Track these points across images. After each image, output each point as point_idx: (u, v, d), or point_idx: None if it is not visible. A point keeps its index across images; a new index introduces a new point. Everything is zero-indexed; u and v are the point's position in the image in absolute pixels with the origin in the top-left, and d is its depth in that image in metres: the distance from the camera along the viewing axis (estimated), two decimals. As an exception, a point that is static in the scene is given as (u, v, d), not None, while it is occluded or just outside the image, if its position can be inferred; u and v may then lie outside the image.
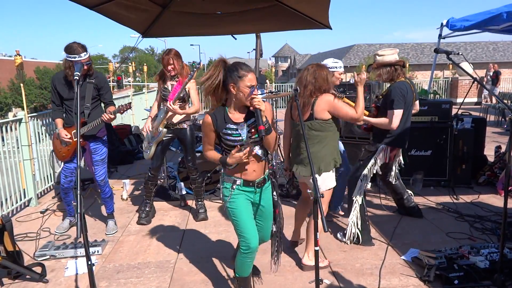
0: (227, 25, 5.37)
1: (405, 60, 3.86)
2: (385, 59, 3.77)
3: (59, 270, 3.49)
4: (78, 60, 3.69)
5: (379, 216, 4.57)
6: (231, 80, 2.50)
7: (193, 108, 4.39)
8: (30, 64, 38.09)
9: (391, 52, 3.78)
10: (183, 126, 4.47)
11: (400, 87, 3.72)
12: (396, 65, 3.77)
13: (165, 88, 4.36)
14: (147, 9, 4.86)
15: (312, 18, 4.85)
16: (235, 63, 2.57)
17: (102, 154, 4.15)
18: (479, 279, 3.01)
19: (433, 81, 15.53)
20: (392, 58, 3.76)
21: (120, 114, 3.97)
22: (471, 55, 35.05)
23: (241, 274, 2.80)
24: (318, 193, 2.31)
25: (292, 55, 60.27)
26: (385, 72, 3.80)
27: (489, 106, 11.88)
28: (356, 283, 3.17)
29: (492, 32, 5.96)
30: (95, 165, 4.12)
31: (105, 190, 4.25)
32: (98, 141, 4.10)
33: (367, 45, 39.26)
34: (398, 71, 3.79)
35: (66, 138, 3.97)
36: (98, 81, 3.99)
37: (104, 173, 4.18)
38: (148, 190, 4.61)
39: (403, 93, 3.72)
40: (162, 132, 4.35)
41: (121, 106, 3.82)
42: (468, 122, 5.81)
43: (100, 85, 4.00)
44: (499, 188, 5.25)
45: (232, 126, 2.58)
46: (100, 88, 4.01)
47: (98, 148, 4.11)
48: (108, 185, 4.27)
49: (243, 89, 2.48)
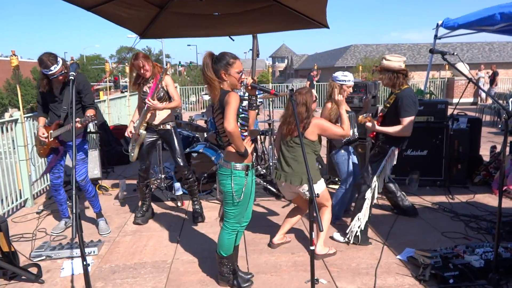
0: (224, 26, 5.36)
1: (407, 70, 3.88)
2: (390, 65, 3.79)
3: (55, 271, 3.49)
4: (50, 73, 3.76)
5: (375, 215, 4.58)
6: (221, 68, 2.80)
7: (174, 103, 4.35)
8: (26, 65, 37.99)
9: (397, 60, 3.81)
10: (166, 127, 4.44)
11: (410, 95, 3.76)
12: (399, 73, 3.79)
13: (143, 92, 4.36)
14: (144, 10, 4.85)
15: (310, 17, 4.85)
16: (221, 53, 2.87)
17: (81, 155, 4.15)
18: (474, 278, 3.03)
19: (429, 81, 15.57)
20: (396, 65, 3.78)
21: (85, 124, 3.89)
22: (467, 56, 35.15)
23: (229, 252, 3.08)
24: (313, 193, 2.32)
25: (289, 55, 60.29)
26: (386, 77, 3.82)
27: (484, 107, 11.94)
28: (351, 283, 3.18)
29: (488, 32, 5.99)
30: (76, 165, 4.11)
31: (88, 190, 4.23)
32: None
33: (364, 45, 39.31)
34: (401, 79, 3.80)
35: (42, 137, 4.00)
36: (77, 84, 3.91)
37: (84, 173, 4.17)
38: (142, 192, 4.61)
39: (414, 100, 3.76)
40: (142, 135, 4.35)
41: (86, 117, 3.82)
42: (464, 122, 5.84)
43: (79, 88, 3.96)
44: (494, 188, 5.28)
45: (243, 105, 2.89)
46: (79, 91, 3.98)
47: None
48: (90, 184, 4.25)
49: (234, 75, 2.81)
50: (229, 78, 2.82)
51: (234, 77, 2.82)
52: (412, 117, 3.72)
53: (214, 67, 2.82)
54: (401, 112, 3.72)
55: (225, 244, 3.06)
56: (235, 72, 2.81)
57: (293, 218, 3.83)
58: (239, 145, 2.77)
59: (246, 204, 3.00)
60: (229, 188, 2.90)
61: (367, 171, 3.88)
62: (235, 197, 2.90)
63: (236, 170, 2.88)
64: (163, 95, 4.30)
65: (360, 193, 3.88)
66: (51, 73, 3.76)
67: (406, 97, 3.73)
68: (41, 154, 4.19)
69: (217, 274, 3.22)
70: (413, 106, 3.73)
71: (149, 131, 4.41)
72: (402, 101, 3.72)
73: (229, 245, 3.07)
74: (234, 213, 2.99)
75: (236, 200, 2.91)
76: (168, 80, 4.33)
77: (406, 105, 3.70)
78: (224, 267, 3.13)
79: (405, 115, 3.71)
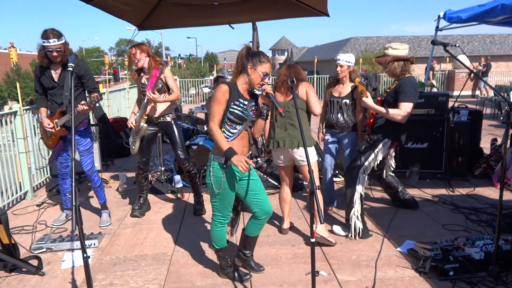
0: (224, 15, 5.33)
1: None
2: (399, 54, 3.75)
3: (56, 263, 3.49)
4: (47, 45, 3.68)
5: (375, 208, 4.59)
6: (251, 61, 2.79)
7: (174, 95, 4.33)
8: (26, 57, 37.77)
9: (403, 47, 3.78)
10: (166, 120, 4.42)
11: (413, 82, 3.71)
12: (407, 60, 3.76)
13: (142, 84, 4.34)
14: (143, 2, 4.82)
15: (310, 6, 4.82)
16: (259, 51, 2.92)
17: (87, 145, 4.13)
18: (474, 270, 3.04)
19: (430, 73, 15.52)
20: (405, 53, 3.75)
21: (92, 106, 3.90)
22: (468, 48, 34.98)
23: (221, 245, 3.09)
24: (314, 185, 2.31)
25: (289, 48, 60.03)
26: (398, 66, 3.75)
27: (485, 99, 11.89)
28: (352, 275, 3.19)
29: (489, 24, 5.95)
30: (81, 155, 4.13)
31: (94, 179, 4.24)
32: (80, 132, 4.07)
33: (364, 38, 39.09)
34: (408, 66, 3.78)
35: (49, 127, 3.97)
36: (78, 69, 3.87)
37: (90, 163, 4.16)
38: (140, 184, 4.60)
39: (416, 87, 3.72)
40: (143, 128, 4.34)
41: (93, 97, 3.81)
42: (465, 114, 5.82)
43: (81, 73, 3.92)
44: (495, 180, 5.28)
45: (243, 102, 2.83)
46: (81, 76, 3.94)
47: (81, 139, 4.09)
48: (96, 174, 4.25)
49: (258, 72, 2.77)
50: (253, 74, 2.79)
51: (258, 75, 2.78)
52: (410, 103, 3.65)
53: (244, 59, 2.82)
54: (401, 96, 3.66)
55: (214, 236, 3.07)
56: (260, 71, 2.77)
57: (286, 197, 3.94)
58: (219, 143, 2.74)
59: (227, 198, 2.92)
60: (208, 179, 2.90)
61: (356, 161, 3.85)
62: (214, 189, 2.87)
63: (214, 162, 2.85)
64: (161, 86, 4.27)
65: (349, 184, 3.85)
66: (47, 44, 3.68)
67: (408, 82, 3.68)
68: (50, 145, 4.16)
69: (217, 266, 3.23)
70: (414, 92, 3.67)
71: (149, 123, 4.39)
72: (404, 86, 3.66)
73: (218, 237, 3.06)
74: (216, 205, 2.96)
75: (215, 192, 2.88)
76: (167, 72, 4.30)
77: (408, 90, 3.64)
78: (221, 260, 3.14)
79: (404, 100, 3.64)
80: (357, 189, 3.79)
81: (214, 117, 2.79)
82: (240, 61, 2.84)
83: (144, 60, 4.27)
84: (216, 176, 2.85)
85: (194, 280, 3.17)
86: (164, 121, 4.42)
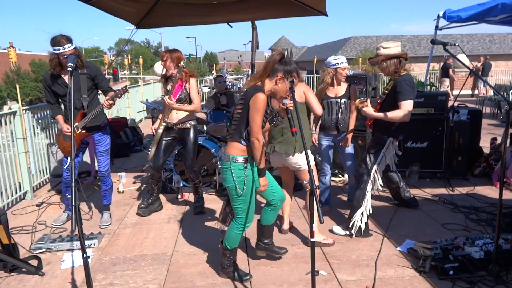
0: (223, 14, 5.32)
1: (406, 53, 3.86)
2: (391, 52, 3.75)
3: (55, 263, 3.49)
4: (62, 52, 3.68)
5: (375, 207, 4.56)
6: (282, 71, 2.77)
7: (192, 106, 4.35)
8: (25, 57, 37.70)
9: (395, 45, 3.78)
10: (186, 126, 4.42)
11: (408, 79, 3.71)
12: (401, 57, 3.76)
13: (167, 90, 4.38)
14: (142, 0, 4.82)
15: (309, 5, 4.82)
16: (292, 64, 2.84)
17: (107, 145, 4.18)
18: (474, 269, 3.03)
19: (430, 73, 15.52)
20: (396, 50, 3.76)
21: (119, 98, 3.95)
22: (468, 47, 34.97)
23: (234, 245, 3.10)
24: (314, 184, 2.31)
25: (288, 47, 60.00)
26: (391, 64, 3.75)
27: (485, 98, 11.89)
28: (352, 274, 3.19)
29: (489, 23, 5.94)
30: (99, 155, 4.15)
31: (107, 181, 4.29)
32: (102, 131, 4.12)
33: (364, 37, 39.08)
34: (402, 63, 3.77)
35: (68, 132, 3.95)
36: (91, 71, 3.95)
37: (107, 164, 4.21)
38: (151, 187, 4.63)
39: (412, 84, 3.72)
40: (157, 134, 4.39)
41: (118, 91, 3.84)
42: (464, 114, 5.82)
43: (94, 74, 3.96)
44: (495, 179, 5.27)
45: (267, 111, 2.85)
46: (94, 77, 3.98)
47: (103, 139, 4.14)
48: (110, 176, 4.31)
49: (288, 85, 2.75)
50: (281, 84, 2.79)
51: (285, 88, 2.78)
52: (410, 100, 3.64)
53: (277, 65, 2.79)
54: (399, 95, 3.66)
55: (232, 237, 3.06)
56: (289, 83, 2.77)
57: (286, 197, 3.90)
58: (259, 159, 2.82)
59: (250, 197, 2.95)
60: (230, 182, 2.88)
61: (366, 162, 3.86)
62: (238, 190, 2.88)
63: (235, 163, 2.86)
64: (183, 96, 4.31)
65: (360, 184, 3.87)
66: (62, 51, 3.68)
67: (404, 81, 3.69)
68: (70, 152, 4.11)
69: (217, 265, 3.23)
70: (411, 89, 3.67)
71: (168, 130, 4.44)
72: (401, 85, 3.67)
73: (235, 239, 3.07)
74: (242, 207, 2.96)
75: (239, 193, 2.89)
76: (192, 83, 4.33)
77: (404, 89, 3.65)
78: (225, 259, 3.13)
79: (403, 98, 3.64)
80: (368, 190, 3.79)
81: (259, 129, 2.77)
82: (271, 66, 2.80)
83: (173, 70, 4.30)
84: (238, 177, 2.86)
85: (194, 280, 3.17)
86: (183, 127, 4.43)
